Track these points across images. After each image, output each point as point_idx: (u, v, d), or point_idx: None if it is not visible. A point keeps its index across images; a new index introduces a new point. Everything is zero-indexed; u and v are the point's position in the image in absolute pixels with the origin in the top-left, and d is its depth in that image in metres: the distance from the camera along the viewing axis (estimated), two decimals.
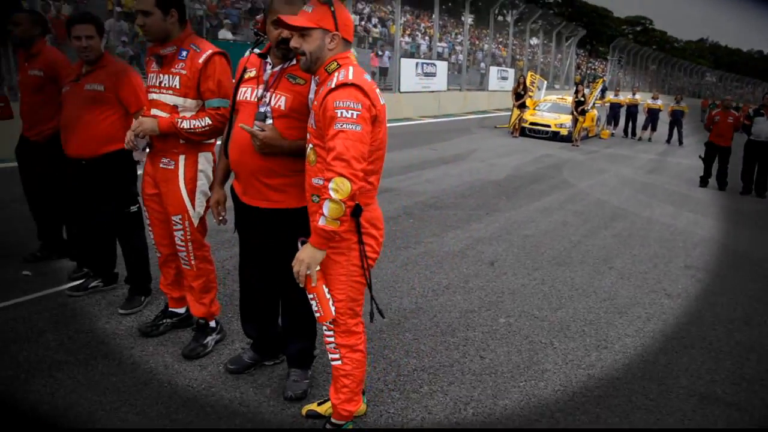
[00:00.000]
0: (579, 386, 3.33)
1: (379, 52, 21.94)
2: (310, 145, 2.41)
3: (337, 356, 2.54)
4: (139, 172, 3.64)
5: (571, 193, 8.97)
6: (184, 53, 3.10)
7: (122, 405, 2.85)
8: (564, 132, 15.94)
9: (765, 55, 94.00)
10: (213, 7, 16.78)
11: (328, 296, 2.42)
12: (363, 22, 24.90)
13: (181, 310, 3.71)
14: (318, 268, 2.36)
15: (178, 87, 3.10)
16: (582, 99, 15.60)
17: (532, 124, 16.34)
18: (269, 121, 2.58)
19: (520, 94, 16.57)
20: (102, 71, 3.67)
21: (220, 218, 3.08)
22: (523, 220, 6.96)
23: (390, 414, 2.93)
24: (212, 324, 3.54)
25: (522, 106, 16.42)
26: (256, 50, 2.79)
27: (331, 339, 2.53)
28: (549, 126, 16.20)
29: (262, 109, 2.59)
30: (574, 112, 15.58)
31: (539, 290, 4.77)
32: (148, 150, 3.25)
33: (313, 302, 2.42)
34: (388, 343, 3.67)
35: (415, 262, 5.19)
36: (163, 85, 3.14)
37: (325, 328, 2.53)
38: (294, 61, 2.58)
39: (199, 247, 3.39)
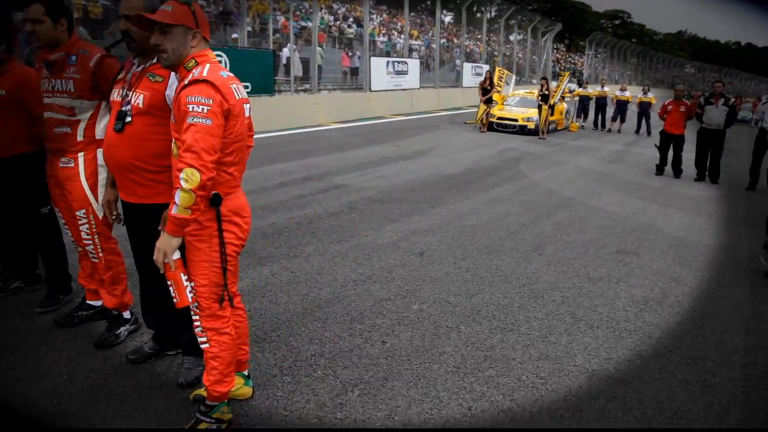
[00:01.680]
0: (472, 367, 3.44)
1: (350, 53, 22.02)
2: (173, 140, 2.50)
3: (204, 339, 2.64)
4: None
5: (523, 185, 9.09)
6: (74, 58, 3.26)
7: (14, 398, 2.92)
8: (531, 126, 16.08)
9: (742, 46, 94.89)
10: None
11: (186, 283, 2.52)
12: (337, 23, 25.01)
13: (98, 303, 3.79)
14: (177, 256, 2.45)
15: (72, 90, 3.28)
16: (547, 93, 15.74)
17: (499, 118, 16.47)
18: (128, 119, 2.67)
19: (486, 89, 16.71)
20: (6, 76, 3.74)
21: (113, 217, 3.17)
22: (466, 212, 7.07)
23: (277, 397, 3.02)
24: (126, 315, 3.64)
25: (489, 102, 16.56)
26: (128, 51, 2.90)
27: (198, 323, 2.62)
28: (516, 120, 16.33)
29: (123, 109, 2.69)
30: (541, 105, 15.71)
31: (461, 278, 4.88)
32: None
33: (171, 288, 2.51)
34: (295, 331, 3.76)
35: (344, 255, 5.28)
36: (56, 89, 3.29)
37: (192, 312, 2.62)
38: (155, 60, 2.67)
39: (106, 239, 3.49)
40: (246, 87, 14.07)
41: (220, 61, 2.69)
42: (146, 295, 3.22)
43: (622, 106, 18.92)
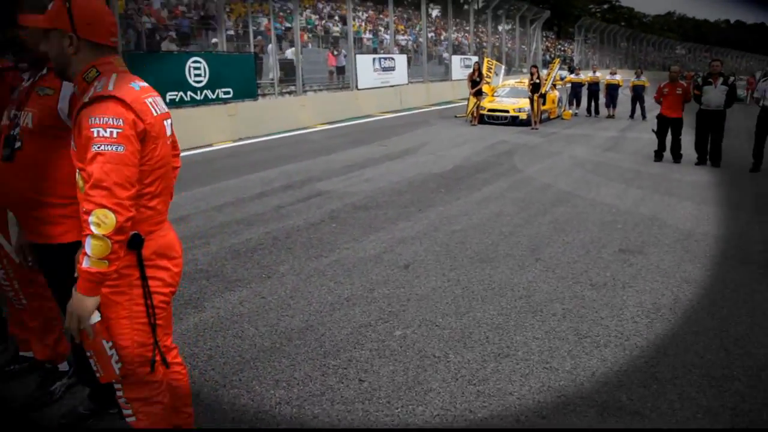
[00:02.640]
0: (462, 407, 2.96)
1: (335, 51, 21.49)
2: (77, 170, 2.01)
3: (129, 412, 2.15)
4: None
5: (516, 180, 8.61)
6: None
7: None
8: (523, 116, 15.60)
9: (731, 24, 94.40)
10: (162, 20, 16.26)
11: (110, 352, 2.02)
12: (322, 21, 24.49)
13: (31, 354, 3.31)
14: (96, 319, 1.96)
15: None
16: (537, 81, 15.25)
17: (490, 110, 15.98)
18: (18, 144, 2.17)
19: (476, 81, 16.21)
20: None
21: (29, 263, 2.67)
22: (455, 214, 6.59)
23: None
24: (62, 367, 3.15)
25: (478, 93, 16.06)
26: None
27: (120, 393, 2.13)
28: (507, 111, 15.85)
29: (12, 132, 2.19)
30: (531, 95, 15.22)
31: (450, 293, 4.40)
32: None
33: (91, 360, 2.02)
34: (260, 373, 3.27)
35: (321, 273, 4.79)
36: None
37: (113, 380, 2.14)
38: (45, 71, 2.18)
39: (28, 284, 3.00)
40: (227, 93, 13.96)
41: (198, 67, 2.19)
42: (76, 347, 2.74)
43: (612, 90, 18.45)
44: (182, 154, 2.36)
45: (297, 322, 3.90)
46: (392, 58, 21.08)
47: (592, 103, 19.02)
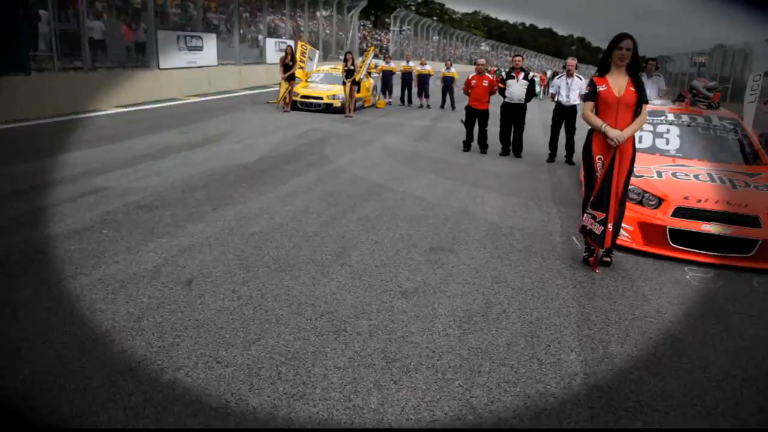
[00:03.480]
0: None
1: (133, 25, 19.20)
2: None
3: None
4: None
5: (327, 172, 8.06)
6: None
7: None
8: (337, 104, 15.20)
9: (527, 27, 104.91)
10: None
11: None
12: None
13: None
14: None
15: None
16: (352, 68, 14.92)
17: (303, 97, 15.34)
18: None
19: (288, 65, 15.40)
20: None
21: None
22: (256, 213, 5.82)
23: None
24: None
25: (291, 78, 15.30)
26: None
27: None
28: (321, 98, 15.34)
29: None
30: (345, 82, 14.85)
31: (239, 315, 3.65)
32: None
33: None
34: None
35: (75, 299, 3.75)
36: None
37: None
38: None
39: None
40: None
41: None
42: None
43: (423, 80, 18.88)
44: None
45: (19, 384, 2.86)
46: (200, 37, 19.42)
47: (406, 92, 19.30)
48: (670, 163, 6.07)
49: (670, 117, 6.86)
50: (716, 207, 5.18)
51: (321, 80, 16.45)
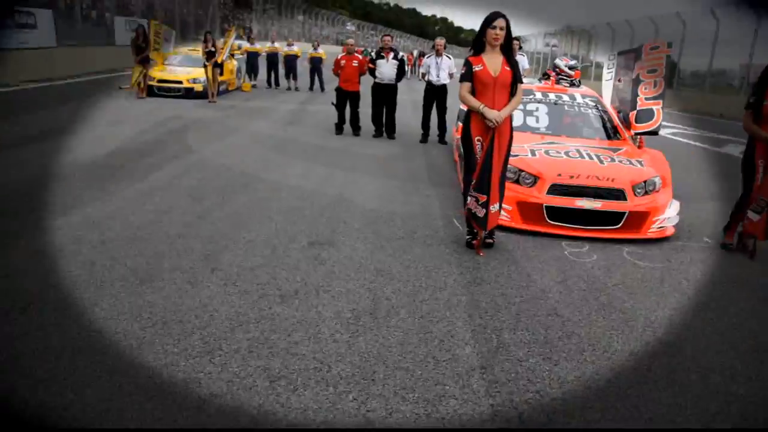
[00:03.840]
0: None
1: None
2: None
3: None
4: None
5: (191, 163, 7.38)
6: None
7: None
8: (199, 88, 14.23)
9: (392, 7, 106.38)
10: None
11: None
12: None
13: None
14: None
15: None
16: (213, 49, 13.97)
17: (160, 81, 14.17)
18: None
19: (140, 46, 14.09)
20: None
21: None
22: (107, 216, 5.10)
23: None
24: None
25: (145, 61, 14.02)
26: None
27: None
28: (181, 83, 14.28)
29: None
30: (206, 64, 13.88)
31: (87, 345, 3.07)
32: None
33: None
34: None
35: None
36: None
37: None
38: None
39: None
40: None
41: None
42: None
43: (290, 61, 18.28)
44: None
45: None
46: (31, 13, 17.23)
47: (272, 74, 18.58)
48: (541, 141, 6.16)
49: (538, 95, 7.00)
50: (587, 182, 5.30)
51: (179, 62, 15.30)
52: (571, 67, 7.64)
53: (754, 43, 21.16)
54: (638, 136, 6.69)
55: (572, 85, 7.48)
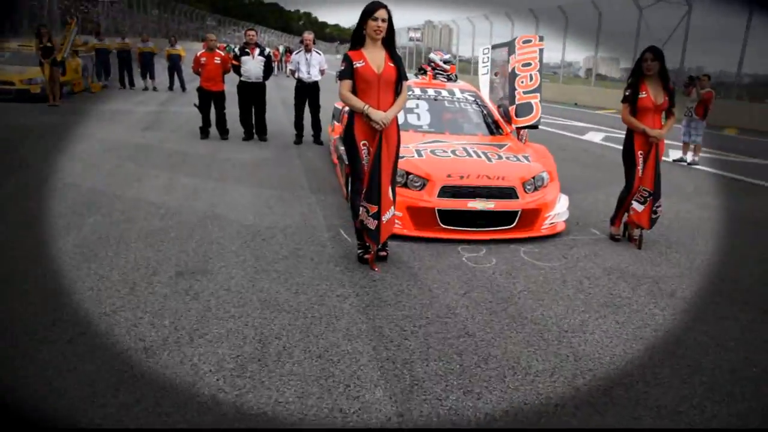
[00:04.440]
0: None
1: None
2: None
3: None
4: None
5: (26, 182, 6.25)
6: None
7: None
8: (36, 89, 12.55)
9: (253, 2, 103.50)
10: None
11: None
12: None
13: None
14: None
15: None
16: (50, 45, 12.33)
17: None
18: None
19: None
20: None
21: None
22: None
23: None
24: None
25: None
26: None
27: None
28: (13, 84, 12.52)
29: None
30: (43, 62, 12.22)
31: None
32: None
33: None
34: None
35: None
36: None
37: None
38: None
39: None
40: None
41: None
42: None
43: (146, 59, 16.80)
44: None
45: None
46: None
47: (125, 73, 16.96)
48: (425, 140, 5.84)
49: (417, 91, 6.69)
50: (478, 182, 5.06)
51: (8, 60, 13.37)
52: (446, 62, 7.43)
53: (598, 37, 23.02)
54: (521, 131, 6.61)
55: (449, 79, 7.27)
